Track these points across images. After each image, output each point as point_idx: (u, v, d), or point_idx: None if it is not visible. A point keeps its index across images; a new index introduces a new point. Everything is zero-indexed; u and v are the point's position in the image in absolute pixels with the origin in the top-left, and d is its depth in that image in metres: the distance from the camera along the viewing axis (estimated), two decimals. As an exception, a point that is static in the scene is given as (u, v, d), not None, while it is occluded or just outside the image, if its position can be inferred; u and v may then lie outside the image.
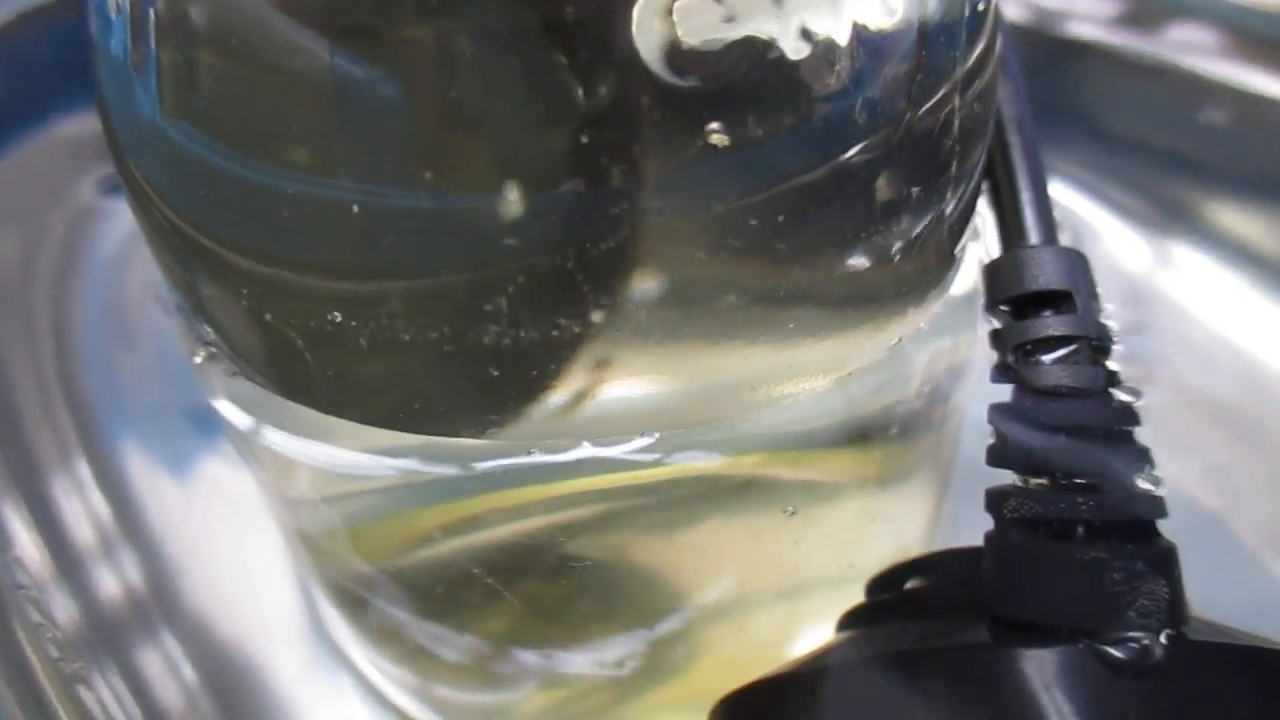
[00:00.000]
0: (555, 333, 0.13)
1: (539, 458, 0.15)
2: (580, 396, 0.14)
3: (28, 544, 0.17)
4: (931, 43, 0.14)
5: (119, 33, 0.13)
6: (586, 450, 0.15)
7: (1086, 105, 0.23)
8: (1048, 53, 0.24)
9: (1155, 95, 0.22)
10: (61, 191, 0.22)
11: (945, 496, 0.19)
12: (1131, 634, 0.12)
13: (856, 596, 0.16)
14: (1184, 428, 0.18)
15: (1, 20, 0.23)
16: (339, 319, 0.13)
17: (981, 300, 0.16)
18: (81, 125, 0.18)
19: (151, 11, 0.13)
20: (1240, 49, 0.22)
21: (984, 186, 0.17)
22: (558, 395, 0.14)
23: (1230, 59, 0.22)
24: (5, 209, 0.22)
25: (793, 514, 0.17)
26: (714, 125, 0.12)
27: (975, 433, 0.15)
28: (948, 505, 0.19)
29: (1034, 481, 0.13)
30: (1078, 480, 0.13)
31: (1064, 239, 0.21)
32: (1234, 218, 0.21)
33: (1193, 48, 0.23)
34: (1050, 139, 0.22)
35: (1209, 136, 0.22)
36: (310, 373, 0.14)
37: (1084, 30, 0.24)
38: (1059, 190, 0.21)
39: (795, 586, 0.18)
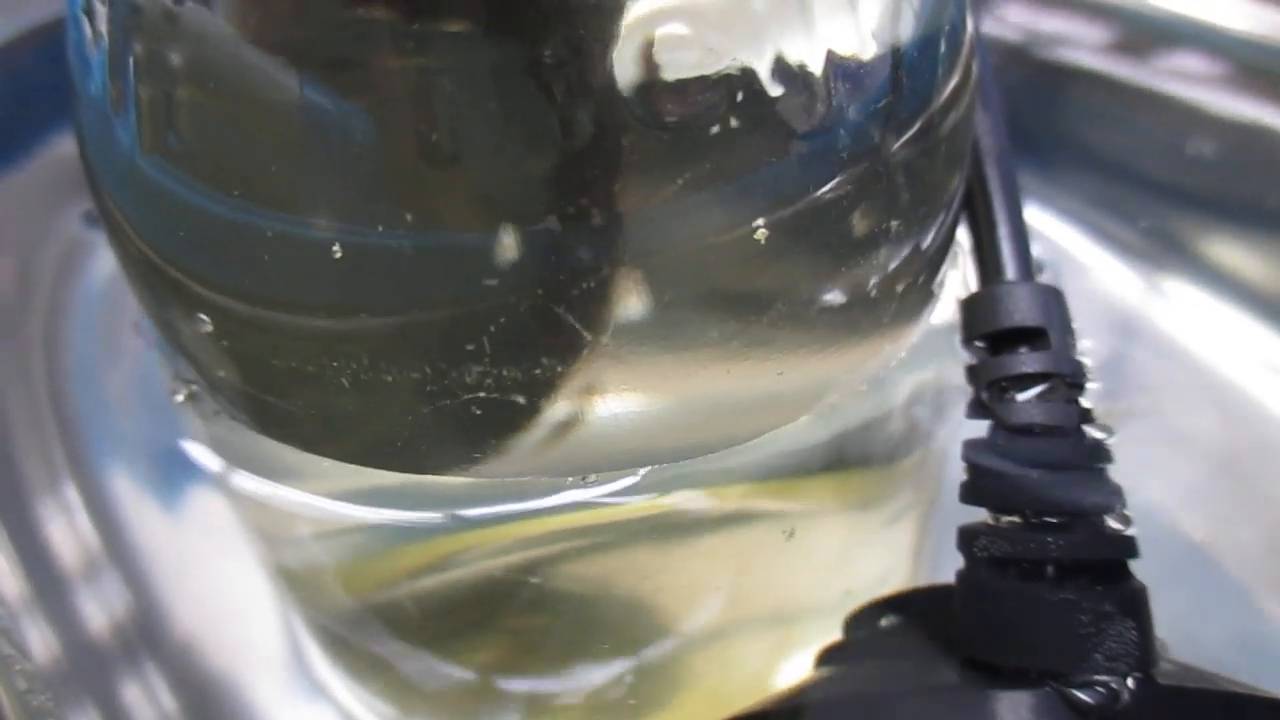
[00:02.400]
0: (538, 371, 0.13)
1: (523, 504, 0.15)
2: (562, 434, 0.14)
3: (5, 572, 0.17)
4: (906, 76, 0.14)
5: (97, 72, 0.13)
6: (571, 495, 0.15)
7: (1078, 132, 0.23)
8: (1040, 79, 0.24)
9: (1147, 124, 0.22)
10: (56, 215, 0.22)
11: (930, 522, 0.19)
12: (1099, 677, 0.12)
13: (838, 627, 0.16)
14: (1170, 459, 0.18)
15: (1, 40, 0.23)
16: (320, 358, 0.13)
17: (958, 334, 0.16)
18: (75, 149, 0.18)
19: (131, 52, 0.13)
20: (1234, 78, 0.22)
21: (963, 219, 0.17)
22: (540, 433, 0.14)
23: (1224, 88, 0.22)
24: (2, 229, 0.22)
25: (791, 535, 0.17)
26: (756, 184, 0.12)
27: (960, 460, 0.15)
28: (935, 532, 0.19)
29: (1005, 520, 0.13)
30: (1049, 519, 0.13)
31: (1052, 269, 0.21)
32: (1224, 248, 0.21)
33: (1187, 76, 0.23)
34: (1040, 166, 0.22)
35: (1200, 166, 0.22)
36: (290, 411, 0.14)
37: (1076, 57, 0.24)
38: (1048, 219, 0.21)
39: (780, 617, 0.18)
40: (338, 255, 0.12)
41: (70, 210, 0.22)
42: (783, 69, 0.12)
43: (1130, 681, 0.12)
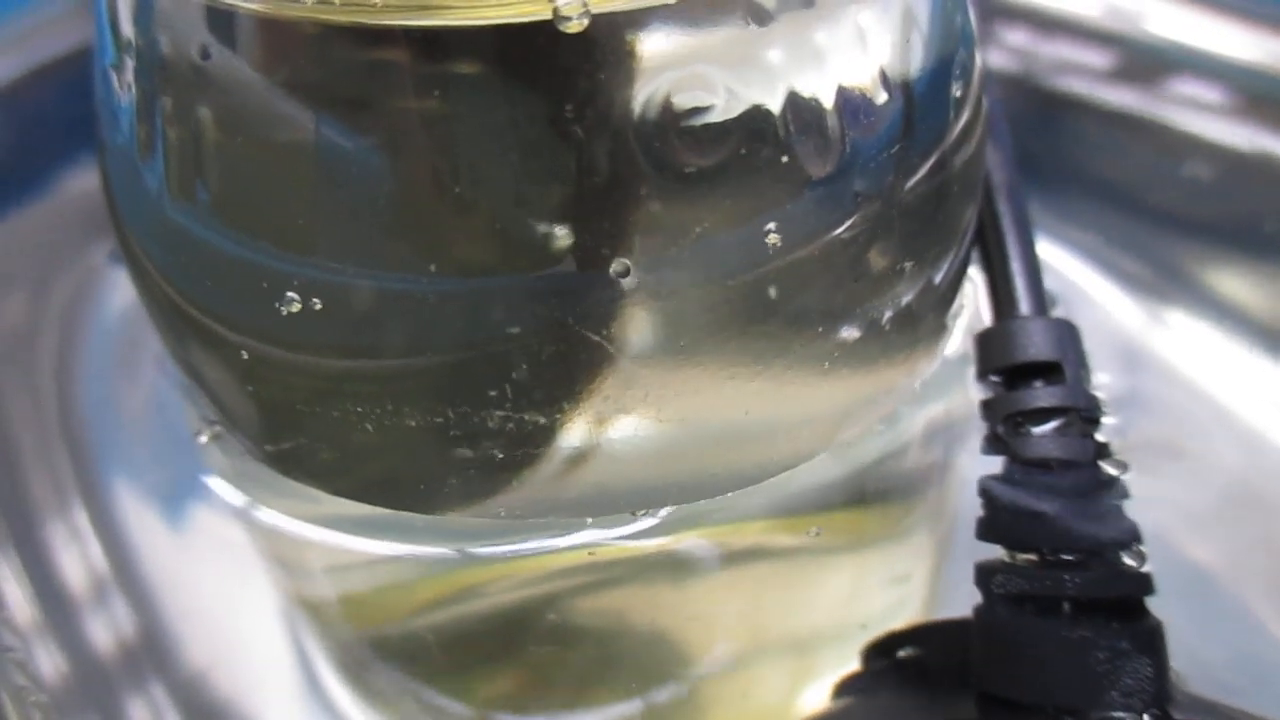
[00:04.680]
0: (558, 414, 0.13)
1: (541, 542, 0.15)
2: (582, 475, 0.14)
3: (20, 599, 0.17)
4: (918, 116, 0.14)
5: (125, 123, 0.14)
6: (590, 535, 0.15)
7: (1080, 160, 0.23)
8: (1041, 106, 0.24)
9: (1150, 152, 0.23)
10: (70, 246, 0.22)
11: (947, 554, 0.19)
12: (1115, 714, 0.12)
13: (854, 658, 0.16)
14: (1179, 489, 0.18)
15: (11, 76, 0.24)
16: (344, 403, 0.13)
17: (973, 368, 0.16)
18: (90, 182, 0.18)
19: (158, 104, 0.13)
20: (1238, 106, 0.22)
21: (975, 254, 0.17)
22: (561, 474, 0.14)
23: (1228, 116, 0.22)
24: (13, 263, 0.23)
25: (818, 534, 0.17)
26: (770, 227, 0.13)
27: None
28: (951, 564, 0.19)
29: (1022, 557, 0.14)
30: (1065, 556, 0.13)
31: (1059, 299, 0.21)
32: (1230, 279, 0.21)
33: (1190, 103, 0.23)
34: (1043, 195, 0.22)
35: (1205, 195, 0.22)
36: (312, 453, 0.14)
37: (1078, 84, 0.24)
38: (1051, 249, 0.21)
39: (796, 649, 0.18)
40: (362, 301, 0.13)
41: (85, 240, 0.22)
42: (796, 114, 0.13)
43: (1146, 718, 0.12)
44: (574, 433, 0.13)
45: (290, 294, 0.13)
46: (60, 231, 0.23)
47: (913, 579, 0.18)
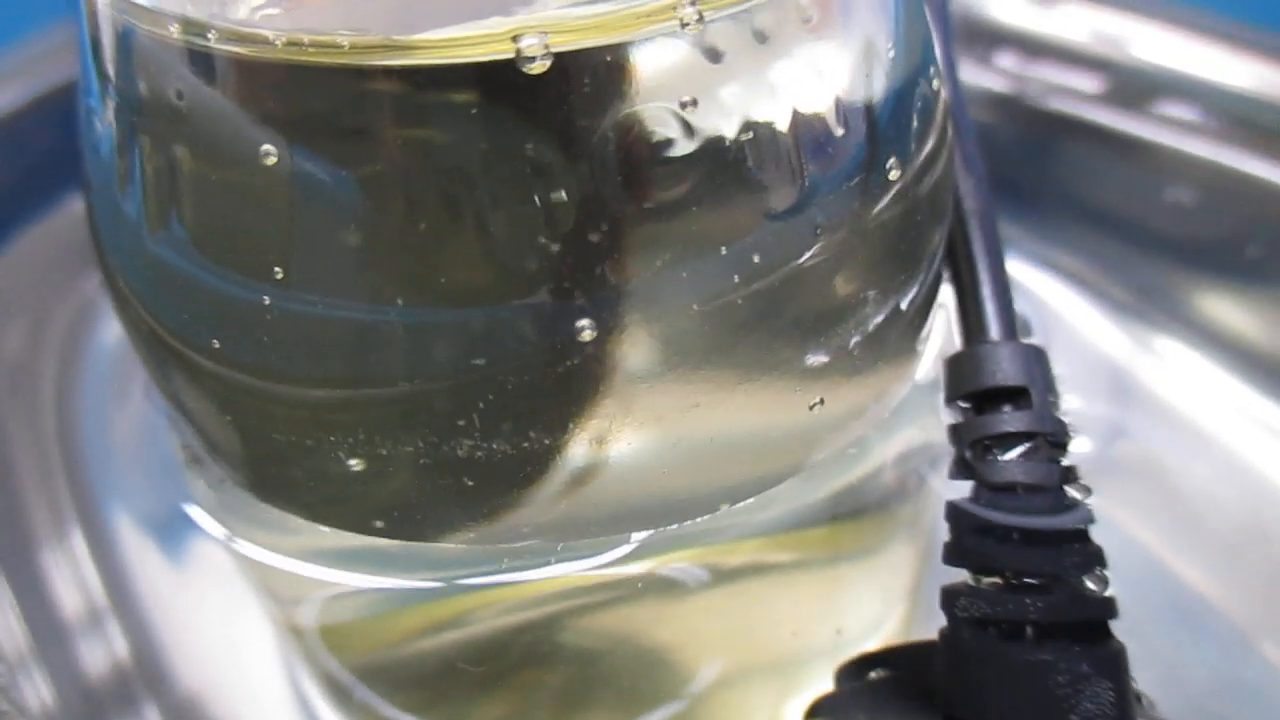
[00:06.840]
0: (525, 444, 0.13)
1: (521, 574, 0.15)
2: (552, 502, 0.14)
3: (12, 622, 0.17)
4: (880, 147, 0.14)
5: (106, 158, 0.14)
6: (568, 566, 0.15)
7: (1069, 185, 0.23)
8: (1032, 130, 0.24)
9: (1138, 176, 0.23)
10: (69, 275, 0.23)
11: (926, 567, 0.19)
12: (1075, 738, 0.12)
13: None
14: (1159, 512, 0.18)
15: (11, 106, 0.24)
16: (317, 432, 0.13)
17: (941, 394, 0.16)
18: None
19: (136, 140, 0.13)
20: (1225, 131, 0.23)
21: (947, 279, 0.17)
22: (531, 501, 0.14)
23: (1214, 140, 0.23)
24: (13, 293, 0.23)
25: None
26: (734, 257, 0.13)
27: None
28: (930, 576, 0.19)
29: (986, 580, 0.14)
30: (1028, 580, 0.13)
31: (1042, 324, 0.21)
32: (1214, 303, 0.21)
33: (1177, 127, 0.23)
34: (1032, 220, 0.22)
35: (1189, 219, 0.22)
36: (291, 481, 0.15)
37: (1069, 107, 0.24)
38: (1037, 274, 0.22)
39: (778, 666, 0.18)
40: (330, 331, 0.13)
41: (83, 270, 0.23)
42: (757, 148, 0.13)
43: (1107, 742, 0.12)
44: (543, 462, 0.13)
45: (263, 326, 0.13)
46: (64, 257, 0.23)
47: (890, 603, 0.18)
